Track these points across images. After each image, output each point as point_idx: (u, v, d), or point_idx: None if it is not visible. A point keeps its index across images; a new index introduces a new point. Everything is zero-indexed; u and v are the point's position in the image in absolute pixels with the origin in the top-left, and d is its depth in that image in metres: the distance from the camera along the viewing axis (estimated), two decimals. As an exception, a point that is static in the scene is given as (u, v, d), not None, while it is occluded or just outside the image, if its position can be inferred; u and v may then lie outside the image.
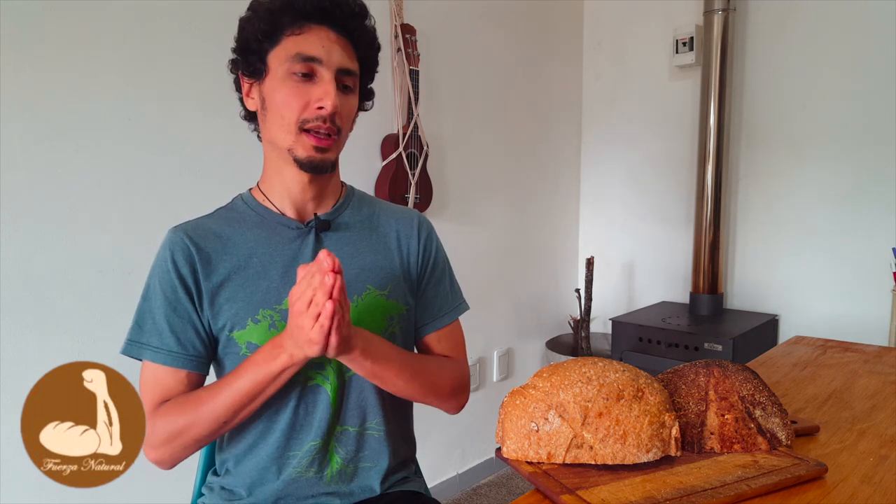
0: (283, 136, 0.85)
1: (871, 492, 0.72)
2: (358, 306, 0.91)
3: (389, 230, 0.98)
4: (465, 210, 2.28)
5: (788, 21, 2.22)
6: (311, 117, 0.84)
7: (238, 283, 0.87)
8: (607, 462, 0.74)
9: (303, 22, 0.84)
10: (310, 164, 0.86)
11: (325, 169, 0.88)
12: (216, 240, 0.89)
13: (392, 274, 0.95)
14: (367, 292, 0.92)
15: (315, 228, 0.92)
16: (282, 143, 0.86)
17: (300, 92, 0.84)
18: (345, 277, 0.90)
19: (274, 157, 0.90)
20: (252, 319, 0.86)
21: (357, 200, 0.99)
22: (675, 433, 0.76)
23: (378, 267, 0.94)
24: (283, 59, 0.84)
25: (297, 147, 0.85)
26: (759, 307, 2.36)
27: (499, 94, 2.41)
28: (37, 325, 1.31)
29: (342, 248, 0.93)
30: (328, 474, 0.90)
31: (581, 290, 2.52)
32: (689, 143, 2.46)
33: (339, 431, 0.91)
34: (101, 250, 1.39)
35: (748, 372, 0.85)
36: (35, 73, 1.28)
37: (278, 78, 0.85)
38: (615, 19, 2.69)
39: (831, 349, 1.31)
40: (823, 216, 2.20)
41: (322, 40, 0.84)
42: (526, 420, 0.77)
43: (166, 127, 1.48)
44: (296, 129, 0.84)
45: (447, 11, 2.17)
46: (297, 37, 0.84)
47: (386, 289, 0.94)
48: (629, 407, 0.75)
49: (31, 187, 1.29)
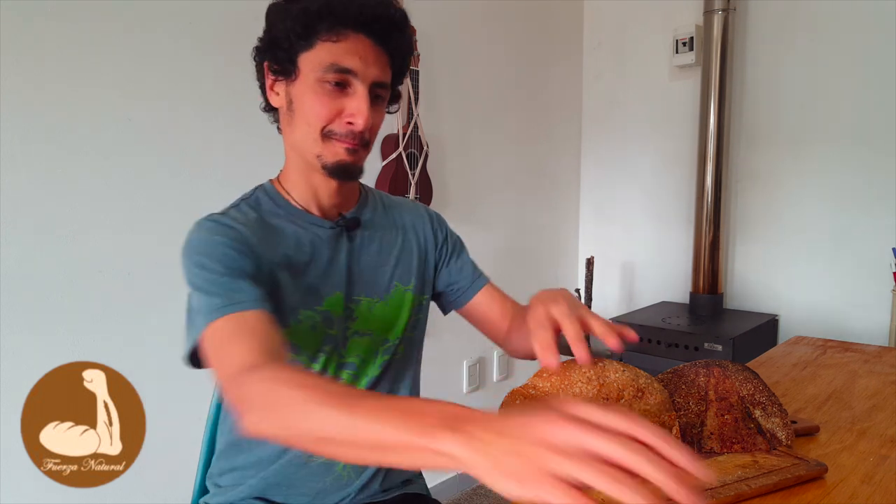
0: (310, 143, 0.82)
1: (871, 492, 0.72)
2: (388, 304, 0.91)
3: (406, 223, 0.99)
4: (465, 210, 2.28)
5: (788, 21, 2.22)
6: (341, 131, 0.81)
7: (286, 280, 0.83)
8: None
9: (340, 29, 0.78)
10: (340, 168, 0.83)
11: (355, 174, 0.85)
12: (253, 234, 0.82)
13: (415, 266, 0.96)
14: (395, 289, 0.93)
15: (345, 227, 0.90)
16: (309, 150, 0.83)
17: (331, 101, 0.80)
18: (375, 276, 0.92)
19: (298, 160, 0.87)
20: (294, 320, 0.84)
21: (372, 198, 0.99)
22: (675, 433, 0.76)
23: (401, 262, 0.95)
24: (317, 65, 0.79)
25: (325, 154, 0.82)
26: (759, 307, 2.36)
27: (499, 94, 2.41)
28: (37, 325, 1.31)
29: (370, 247, 0.92)
30: (340, 462, 0.89)
31: (581, 290, 2.52)
32: (689, 143, 2.46)
33: None
34: (101, 250, 1.39)
35: (748, 372, 0.85)
36: (35, 73, 1.28)
37: (309, 84, 0.80)
38: (615, 20, 2.69)
39: (831, 349, 1.31)
40: (823, 216, 2.20)
41: (359, 51, 0.79)
42: None
43: (166, 127, 1.48)
44: (321, 137, 0.81)
45: (447, 11, 2.17)
46: (334, 45, 0.79)
47: (410, 284, 0.95)
48: (629, 407, 0.75)
49: (31, 187, 1.29)
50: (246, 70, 0.91)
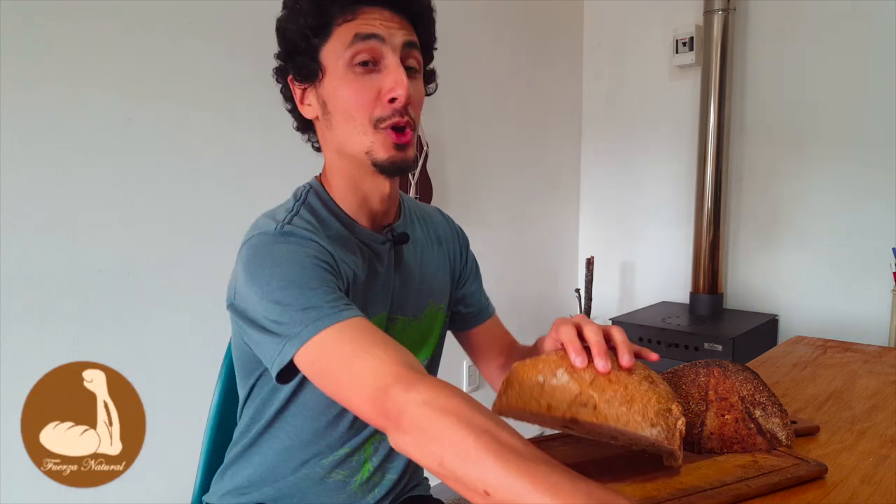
0: (358, 139, 0.75)
1: (871, 492, 0.72)
2: (421, 323, 0.87)
3: (440, 236, 0.94)
4: (465, 210, 2.27)
5: (788, 21, 2.22)
6: (386, 114, 0.74)
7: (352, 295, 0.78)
8: (609, 423, 0.68)
9: (355, 6, 0.73)
10: (392, 165, 0.76)
11: (408, 168, 0.78)
12: (328, 245, 0.75)
13: (446, 283, 0.93)
14: (429, 308, 0.89)
15: (393, 241, 0.84)
16: (357, 148, 0.76)
17: (366, 86, 0.73)
18: (414, 294, 0.87)
19: (344, 166, 0.79)
20: None
21: (407, 206, 0.92)
22: (680, 425, 0.72)
23: (436, 278, 0.91)
24: (340, 50, 0.73)
25: (376, 148, 0.75)
26: (759, 307, 2.36)
27: (499, 94, 2.41)
28: (37, 325, 1.31)
29: (412, 264, 0.87)
30: (357, 480, 0.87)
31: (581, 290, 2.52)
32: (688, 143, 2.46)
33: (378, 438, 0.87)
34: (101, 250, 1.39)
35: (748, 372, 0.85)
36: (35, 73, 1.28)
37: (338, 76, 0.74)
38: (615, 19, 2.69)
39: (831, 349, 1.31)
40: (823, 216, 2.20)
41: (379, 19, 0.74)
42: (533, 374, 0.72)
43: (167, 127, 1.48)
44: (371, 128, 0.74)
45: (447, 11, 2.16)
46: (351, 23, 0.73)
47: (442, 302, 0.91)
48: (639, 382, 0.71)
49: (31, 187, 1.29)
50: (246, 70, 0.90)
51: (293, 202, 0.80)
